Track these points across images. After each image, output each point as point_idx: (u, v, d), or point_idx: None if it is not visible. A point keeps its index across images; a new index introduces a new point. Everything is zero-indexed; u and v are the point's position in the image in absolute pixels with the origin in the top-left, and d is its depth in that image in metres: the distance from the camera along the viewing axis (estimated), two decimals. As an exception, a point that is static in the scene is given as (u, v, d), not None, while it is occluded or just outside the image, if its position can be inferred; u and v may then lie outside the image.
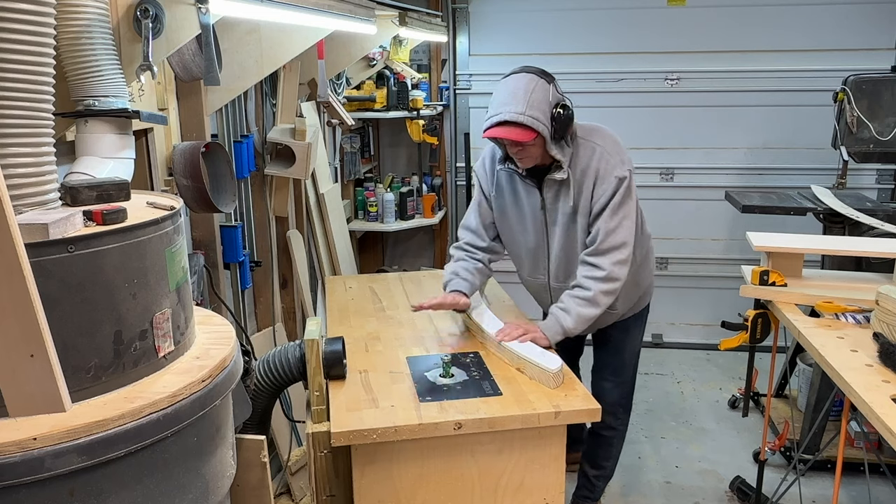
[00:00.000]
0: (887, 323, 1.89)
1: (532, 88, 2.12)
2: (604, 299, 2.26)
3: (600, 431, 2.69)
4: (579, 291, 2.27)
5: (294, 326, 3.25)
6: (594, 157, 2.25)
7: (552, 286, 2.49)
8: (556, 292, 2.45)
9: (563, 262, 2.41)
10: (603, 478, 2.81)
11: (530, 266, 2.52)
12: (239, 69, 2.41)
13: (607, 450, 2.75)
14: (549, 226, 2.39)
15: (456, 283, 2.41)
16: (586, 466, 2.80)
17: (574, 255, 2.38)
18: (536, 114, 2.10)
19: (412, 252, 5.03)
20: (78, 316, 1.15)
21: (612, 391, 2.65)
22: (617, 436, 2.74)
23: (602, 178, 2.23)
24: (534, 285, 2.57)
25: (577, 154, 2.26)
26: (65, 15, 1.43)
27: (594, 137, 2.29)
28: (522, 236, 2.46)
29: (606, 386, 2.66)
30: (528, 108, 2.09)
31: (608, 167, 2.23)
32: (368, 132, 4.61)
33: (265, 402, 2.05)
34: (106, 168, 1.51)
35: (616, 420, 2.69)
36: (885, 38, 4.13)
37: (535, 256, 2.48)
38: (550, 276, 2.47)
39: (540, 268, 2.49)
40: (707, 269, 4.60)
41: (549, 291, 2.52)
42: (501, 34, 4.44)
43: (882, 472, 2.91)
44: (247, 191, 2.84)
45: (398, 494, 1.85)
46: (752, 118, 4.36)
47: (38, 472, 1.04)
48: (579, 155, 2.26)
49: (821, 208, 3.28)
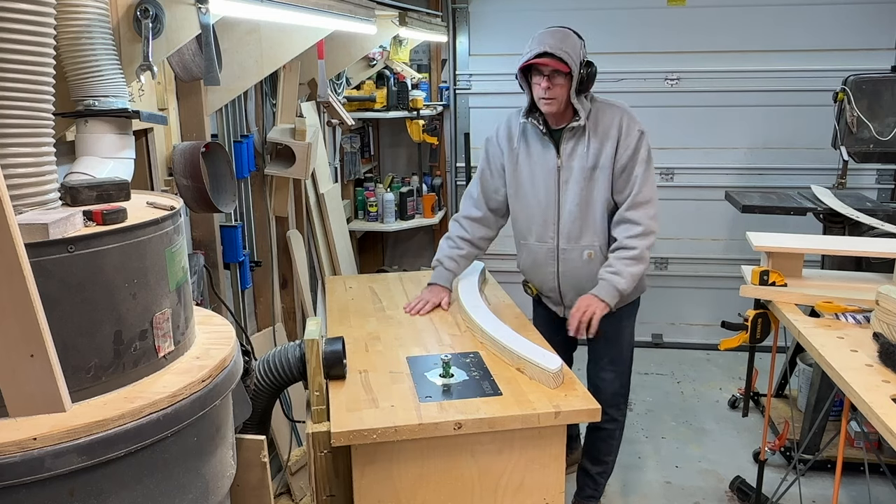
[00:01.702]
0: (887, 323, 1.89)
1: (567, 35, 2.36)
2: (647, 254, 2.44)
3: (603, 425, 2.65)
4: (625, 252, 2.41)
5: (294, 326, 3.25)
6: (616, 115, 2.44)
7: (561, 248, 2.54)
8: (564, 258, 2.53)
9: (577, 220, 2.49)
10: (605, 474, 2.83)
11: (539, 228, 2.56)
12: (239, 69, 2.41)
13: (609, 444, 2.76)
14: (563, 183, 2.49)
15: (438, 272, 2.65)
16: (588, 464, 2.80)
17: (589, 214, 2.48)
18: (571, 53, 2.32)
19: (412, 252, 5.03)
20: (78, 316, 1.15)
21: (613, 382, 2.69)
22: (618, 428, 2.77)
23: (626, 133, 2.41)
24: (540, 253, 2.59)
25: (599, 112, 2.45)
26: (65, 15, 1.43)
27: (613, 104, 2.50)
28: (534, 195, 2.55)
29: (606, 377, 2.69)
30: (565, 46, 2.32)
31: (631, 123, 2.43)
32: (368, 132, 4.61)
33: (265, 402, 2.05)
34: (106, 168, 1.51)
35: (618, 412, 2.72)
36: (885, 38, 4.13)
37: (545, 216, 2.54)
38: (560, 236, 2.53)
39: (549, 229, 2.54)
40: (707, 269, 4.60)
41: (557, 258, 2.56)
42: (501, 34, 4.44)
43: (882, 472, 2.91)
44: (247, 191, 2.84)
45: (398, 494, 1.85)
46: (752, 118, 4.36)
47: (38, 472, 1.04)
48: (601, 113, 2.45)
49: (821, 208, 3.28)
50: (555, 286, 2.62)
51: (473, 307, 2.45)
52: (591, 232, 2.50)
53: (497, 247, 4.33)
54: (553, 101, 2.37)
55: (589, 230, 2.50)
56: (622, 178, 2.44)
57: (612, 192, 2.46)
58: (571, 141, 2.45)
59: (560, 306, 2.69)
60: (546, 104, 2.38)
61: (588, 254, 2.52)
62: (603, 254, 2.51)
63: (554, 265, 2.57)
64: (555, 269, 2.58)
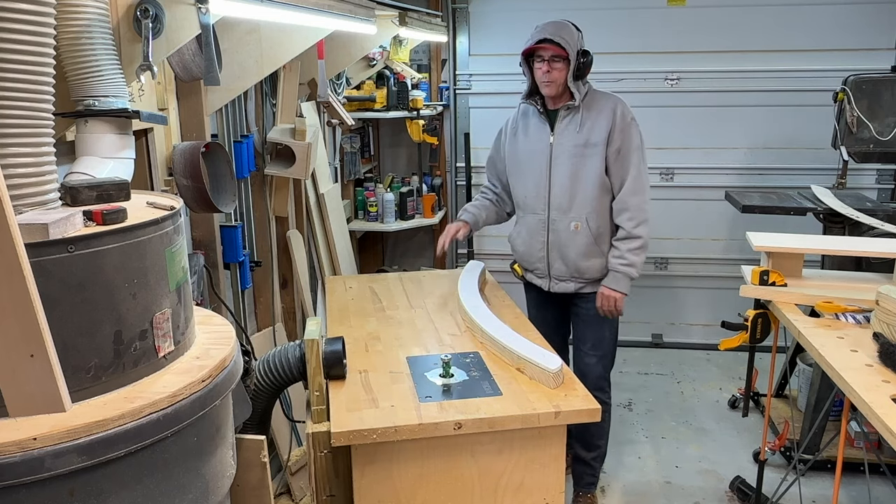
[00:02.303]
0: (887, 323, 1.89)
1: (566, 25, 2.60)
2: (648, 239, 2.66)
3: None
4: (632, 242, 2.63)
5: (294, 326, 3.25)
6: (610, 101, 2.65)
7: (551, 219, 2.72)
8: (553, 229, 2.71)
9: (566, 193, 2.68)
10: (600, 458, 2.90)
11: (533, 199, 2.75)
12: (239, 69, 2.41)
13: (600, 427, 2.79)
14: (554, 158, 2.69)
15: (462, 214, 2.94)
16: (581, 451, 2.86)
17: (580, 188, 2.66)
18: (570, 40, 2.55)
19: (412, 252, 5.03)
20: (78, 316, 1.15)
21: (596, 366, 2.80)
22: (606, 410, 2.83)
23: (620, 119, 2.61)
24: (533, 224, 2.78)
25: (595, 98, 2.67)
26: (65, 15, 1.43)
27: (607, 94, 2.72)
28: (529, 168, 2.76)
29: (590, 361, 2.80)
30: (563, 33, 2.55)
31: (625, 111, 2.64)
32: (368, 132, 4.61)
33: (265, 402, 2.05)
34: (106, 168, 1.51)
35: (604, 394, 2.82)
36: (885, 38, 4.13)
37: (538, 187, 2.73)
38: (551, 208, 2.71)
39: (541, 201, 2.73)
40: (707, 269, 4.60)
41: (547, 228, 2.73)
42: (501, 34, 4.44)
43: (882, 472, 2.91)
44: (247, 191, 2.84)
45: (398, 494, 1.85)
46: (752, 118, 4.35)
47: (38, 472, 1.04)
48: (596, 98, 2.67)
49: (821, 208, 3.28)
50: (543, 255, 2.77)
51: (473, 307, 2.45)
52: (579, 205, 2.67)
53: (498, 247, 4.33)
54: (552, 84, 2.59)
55: (577, 203, 2.67)
56: (617, 163, 2.63)
57: (608, 174, 2.65)
58: (566, 119, 2.66)
59: (546, 278, 2.82)
60: (546, 86, 2.61)
61: (575, 225, 2.68)
62: (589, 227, 2.67)
63: (544, 235, 2.75)
64: (545, 238, 2.75)
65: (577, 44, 2.57)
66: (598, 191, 2.65)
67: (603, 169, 2.64)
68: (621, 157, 2.62)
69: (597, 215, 2.67)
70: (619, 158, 2.63)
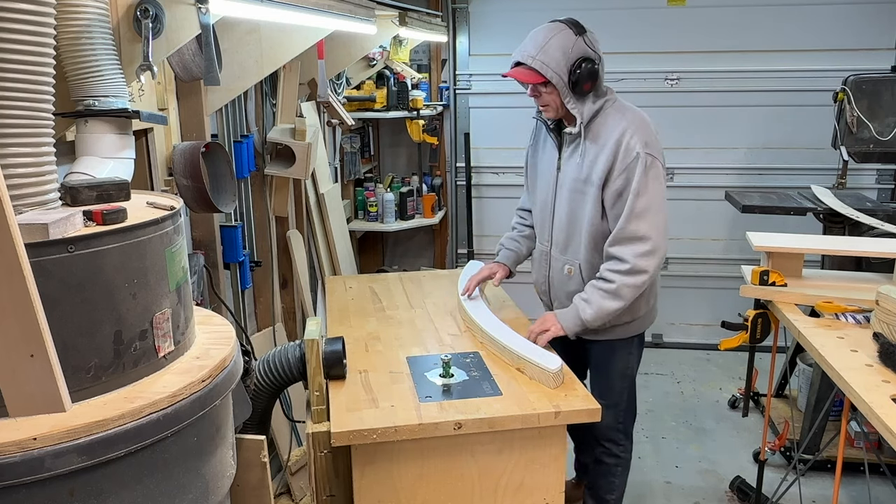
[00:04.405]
0: (887, 323, 1.89)
1: (551, 36, 2.16)
2: (628, 293, 2.21)
3: (602, 458, 2.53)
4: (602, 283, 2.22)
5: (294, 326, 3.25)
6: (618, 129, 2.19)
7: (552, 255, 2.44)
8: (553, 265, 2.44)
9: (564, 231, 2.37)
10: None
11: (539, 227, 2.50)
12: (239, 69, 2.41)
13: (609, 481, 2.54)
14: (559, 188, 2.37)
15: (502, 254, 2.64)
16: (589, 499, 2.63)
17: (575, 230, 2.33)
18: (548, 60, 2.13)
19: (412, 252, 5.03)
20: (78, 316, 1.15)
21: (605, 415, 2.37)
22: (620, 465, 2.53)
23: (623, 154, 2.16)
24: (537, 254, 2.53)
25: (606, 122, 2.22)
26: (65, 15, 1.43)
27: (626, 114, 2.24)
28: (539, 193, 2.48)
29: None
30: (540, 53, 2.14)
31: (632, 142, 2.16)
32: (368, 132, 4.61)
33: (265, 402, 2.05)
34: (106, 168, 1.51)
35: (617, 447, 2.51)
36: (885, 38, 4.13)
37: (543, 218, 2.46)
38: (553, 241, 2.43)
39: (545, 232, 2.46)
40: (707, 269, 4.60)
41: (549, 264, 2.46)
42: (501, 34, 4.44)
43: (882, 472, 2.91)
44: (247, 191, 2.84)
45: (398, 494, 1.85)
46: (752, 118, 4.36)
47: (38, 472, 1.04)
48: (604, 124, 2.22)
49: (821, 208, 3.28)
50: (546, 290, 2.53)
51: (473, 307, 2.45)
52: (574, 248, 2.36)
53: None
54: (548, 108, 2.27)
55: (573, 245, 2.36)
56: (616, 207, 2.21)
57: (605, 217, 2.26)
58: (571, 146, 2.31)
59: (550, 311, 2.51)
60: (543, 111, 2.30)
61: (568, 269, 2.39)
62: (582, 276, 2.35)
63: (546, 269, 2.49)
64: (547, 273, 2.49)
65: (567, 57, 2.13)
66: (590, 240, 2.29)
67: (598, 214, 2.25)
68: (620, 201, 2.19)
69: (590, 266, 2.33)
70: (617, 202, 2.20)
